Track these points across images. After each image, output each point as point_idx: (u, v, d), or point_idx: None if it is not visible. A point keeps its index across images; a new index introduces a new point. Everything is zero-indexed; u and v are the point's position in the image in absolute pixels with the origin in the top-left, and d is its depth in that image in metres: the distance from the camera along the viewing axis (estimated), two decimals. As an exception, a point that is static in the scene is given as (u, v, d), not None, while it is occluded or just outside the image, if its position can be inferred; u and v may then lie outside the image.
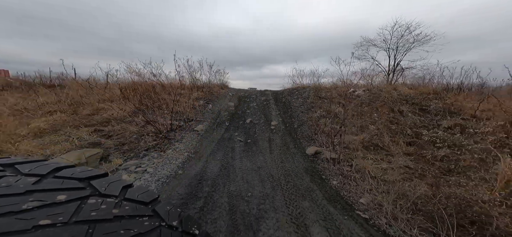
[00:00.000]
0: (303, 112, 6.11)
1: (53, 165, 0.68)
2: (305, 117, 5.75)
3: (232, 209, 2.29)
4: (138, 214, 0.57)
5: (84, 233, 0.45)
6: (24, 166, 0.65)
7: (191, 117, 5.80)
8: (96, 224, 0.48)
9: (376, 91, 6.51)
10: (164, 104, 6.01)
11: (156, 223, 0.57)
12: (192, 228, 0.64)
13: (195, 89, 7.82)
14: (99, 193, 0.60)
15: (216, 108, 6.82)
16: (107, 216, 0.51)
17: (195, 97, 6.97)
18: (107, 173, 0.76)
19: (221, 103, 7.33)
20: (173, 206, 0.68)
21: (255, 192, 2.67)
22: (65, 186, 0.58)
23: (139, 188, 0.70)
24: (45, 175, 0.61)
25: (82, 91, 7.08)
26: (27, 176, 0.59)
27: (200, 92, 7.67)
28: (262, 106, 7.19)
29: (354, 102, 5.73)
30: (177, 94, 6.05)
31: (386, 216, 2.25)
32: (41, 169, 0.64)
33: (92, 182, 0.64)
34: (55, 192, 0.54)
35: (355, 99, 6.09)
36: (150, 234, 0.53)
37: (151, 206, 0.63)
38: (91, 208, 0.53)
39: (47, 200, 0.51)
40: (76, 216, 0.49)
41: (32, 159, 0.72)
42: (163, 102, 6.10)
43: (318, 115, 5.56)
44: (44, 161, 0.72)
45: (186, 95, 6.86)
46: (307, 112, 6.01)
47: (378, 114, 5.22)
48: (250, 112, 6.65)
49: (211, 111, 6.54)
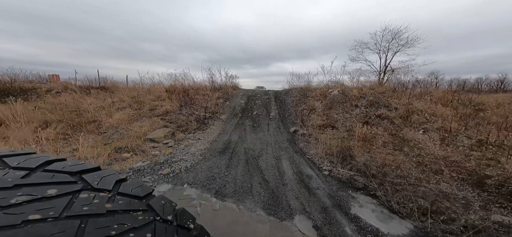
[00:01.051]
0: (292, 107, 8.62)
1: (42, 158, 0.67)
2: (293, 110, 8.26)
3: (245, 153, 4.87)
4: (132, 209, 0.56)
5: (76, 228, 0.44)
6: (12, 159, 0.63)
7: (216, 111, 8.44)
8: (88, 218, 0.47)
9: (348, 92, 8.87)
10: (197, 101, 8.68)
11: (151, 218, 0.56)
12: (187, 222, 0.64)
13: (215, 91, 10.47)
14: (91, 187, 0.59)
15: (231, 105, 9.42)
16: (100, 211, 0.51)
17: (216, 97, 9.61)
18: (100, 166, 0.74)
19: (235, 101, 9.92)
20: (167, 201, 0.68)
21: (257, 148, 5.24)
22: (55, 180, 0.57)
23: (133, 182, 0.70)
24: (34, 168, 0.60)
25: (135, 93, 9.88)
26: (16, 170, 0.58)
27: (219, 93, 10.30)
28: (265, 103, 9.73)
29: (328, 99, 8.16)
30: (204, 95, 8.70)
31: (316, 156, 4.76)
32: (30, 162, 0.63)
33: (84, 176, 0.63)
34: (45, 186, 0.53)
35: (331, 97, 8.50)
36: (145, 228, 0.52)
37: (145, 200, 0.63)
38: (83, 203, 0.51)
39: (37, 194, 0.49)
40: (68, 210, 0.47)
41: (20, 152, 0.71)
42: (196, 100, 8.77)
43: (302, 108, 8.05)
44: (32, 154, 0.71)
45: (210, 96, 9.51)
46: (294, 107, 8.51)
47: (342, 107, 7.64)
48: (256, 107, 9.21)
49: (229, 107, 9.16)
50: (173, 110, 7.72)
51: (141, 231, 0.51)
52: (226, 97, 10.14)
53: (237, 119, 7.85)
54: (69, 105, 8.21)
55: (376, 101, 7.62)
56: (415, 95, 8.27)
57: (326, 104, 7.94)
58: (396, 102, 7.24)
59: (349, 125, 6.28)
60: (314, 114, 7.47)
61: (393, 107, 6.97)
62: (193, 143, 5.49)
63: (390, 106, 7.06)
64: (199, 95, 9.34)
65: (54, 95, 10.69)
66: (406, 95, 7.57)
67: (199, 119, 7.14)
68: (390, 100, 7.47)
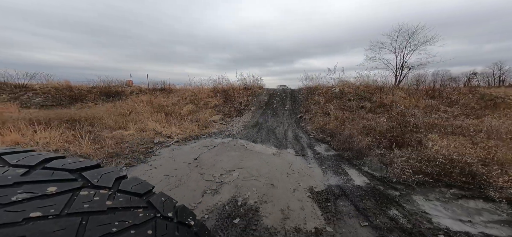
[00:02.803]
0: (301, 101, 11.75)
1: (42, 156, 0.68)
2: (301, 103, 11.41)
3: (267, 128, 8.29)
4: (133, 206, 0.57)
5: (77, 225, 0.44)
6: (11, 157, 0.63)
7: (247, 104, 12.04)
8: (89, 216, 0.48)
9: (346, 89, 11.64)
10: (234, 98, 12.41)
11: (151, 215, 0.57)
12: (188, 219, 0.65)
13: (246, 90, 14.12)
14: (91, 184, 0.60)
15: (258, 100, 12.93)
16: (101, 208, 0.51)
17: (247, 95, 13.24)
18: (100, 164, 0.74)
19: (260, 98, 13.40)
20: (168, 198, 0.69)
21: (274, 125, 8.63)
22: (55, 177, 0.57)
23: (133, 179, 0.71)
24: (34, 166, 0.61)
25: (190, 93, 14.07)
26: (15, 167, 0.58)
27: (249, 91, 13.91)
28: (282, 99, 13.01)
29: (328, 95, 11.08)
30: (239, 94, 12.35)
31: (309, 129, 7.95)
32: (29, 159, 0.64)
33: (84, 173, 0.64)
34: (45, 184, 0.53)
35: (331, 94, 11.40)
36: (145, 225, 0.53)
37: (145, 198, 0.64)
38: (84, 200, 0.52)
39: (37, 192, 0.49)
40: (68, 208, 0.48)
41: (20, 149, 0.71)
42: (234, 97, 12.51)
43: (308, 102, 11.15)
44: (32, 152, 0.72)
45: (242, 94, 13.18)
46: (303, 101, 11.63)
47: (339, 101, 10.53)
48: (276, 102, 12.55)
49: (256, 102, 12.69)
50: (219, 104, 11.55)
51: (142, 228, 0.52)
52: (254, 95, 13.70)
53: (262, 109, 11.32)
54: (153, 102, 12.65)
55: (364, 97, 10.34)
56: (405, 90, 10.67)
57: (327, 99, 10.91)
58: (377, 97, 9.87)
59: (335, 112, 9.26)
60: (316, 106, 10.53)
61: (374, 101, 9.65)
62: (236, 122, 9.13)
63: (372, 99, 9.75)
64: (235, 94, 13.07)
65: (134, 96, 15.53)
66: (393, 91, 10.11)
67: (237, 109, 10.80)
68: (374, 96, 10.11)
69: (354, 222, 2.43)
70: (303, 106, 11.07)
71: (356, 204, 2.81)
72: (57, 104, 12.44)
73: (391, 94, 10.04)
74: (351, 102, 10.08)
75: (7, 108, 10.59)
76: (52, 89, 13.42)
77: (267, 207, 2.73)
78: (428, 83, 15.32)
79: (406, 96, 10.46)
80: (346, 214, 2.59)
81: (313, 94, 12.04)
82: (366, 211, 2.63)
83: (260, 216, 2.54)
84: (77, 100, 13.53)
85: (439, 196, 3.03)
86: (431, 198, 2.97)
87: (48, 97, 12.65)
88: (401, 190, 3.20)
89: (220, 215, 2.53)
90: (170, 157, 4.64)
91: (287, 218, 2.50)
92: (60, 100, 12.76)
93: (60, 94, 13.32)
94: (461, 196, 3.00)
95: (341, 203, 2.85)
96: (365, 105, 9.36)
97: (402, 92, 11.34)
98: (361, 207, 2.73)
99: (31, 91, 12.77)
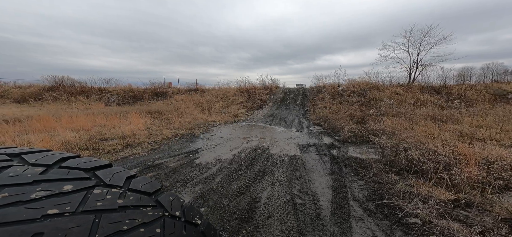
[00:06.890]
0: (309, 98, 14.38)
1: (58, 155, 0.71)
2: (310, 99, 14.06)
3: (281, 117, 11.21)
4: (142, 204, 0.59)
5: (90, 223, 0.46)
6: (30, 156, 0.67)
7: (265, 101, 15.05)
8: (102, 214, 0.50)
9: (350, 87, 13.98)
10: (255, 95, 15.53)
11: (160, 213, 0.59)
12: (195, 218, 0.66)
13: (265, 89, 17.16)
14: (104, 183, 0.62)
15: (274, 98, 15.85)
16: (113, 206, 0.53)
17: (266, 93, 16.26)
18: (111, 163, 0.76)
19: (276, 96, 16.30)
20: (175, 197, 0.70)
21: (286, 115, 11.52)
22: (71, 176, 0.60)
23: (142, 178, 0.73)
24: (51, 165, 0.63)
25: (220, 92, 17.55)
26: (34, 166, 0.60)
27: (267, 90, 16.92)
28: (295, 96, 15.76)
29: (333, 92, 13.54)
30: (259, 92, 15.43)
31: (312, 119, 10.70)
32: (47, 159, 0.66)
33: (97, 172, 0.66)
34: (62, 182, 0.56)
35: (336, 91, 13.83)
36: (154, 223, 0.55)
37: (154, 197, 0.66)
38: (97, 198, 0.54)
39: (55, 190, 0.51)
40: (83, 206, 0.50)
41: (38, 149, 0.75)
42: (255, 95, 15.64)
43: (314, 98, 13.76)
44: (49, 151, 0.75)
45: (262, 93, 16.24)
46: (311, 98, 14.25)
47: (340, 97, 12.98)
48: (289, 99, 15.34)
49: (273, 98, 15.63)
50: (244, 101, 14.77)
51: (151, 226, 0.53)
52: (271, 93, 16.66)
53: (277, 104, 14.24)
54: (193, 100, 16.35)
55: (361, 93, 12.66)
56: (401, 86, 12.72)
57: (332, 96, 13.42)
58: (372, 93, 12.13)
59: (332, 106, 11.83)
60: (320, 101, 13.12)
61: (367, 96, 11.96)
62: (257, 114, 12.22)
63: (366, 95, 12.05)
64: (256, 92, 16.19)
65: (176, 95, 19.48)
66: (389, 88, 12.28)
67: (258, 104, 13.89)
68: (369, 92, 12.38)
69: (312, 153, 5.32)
70: (310, 101, 13.73)
71: (317, 148, 5.67)
72: (125, 103, 16.83)
73: (383, 91, 12.19)
74: (350, 98, 12.48)
75: (96, 105, 15.17)
76: (121, 91, 17.95)
77: (273, 148, 5.73)
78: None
79: (403, 93, 12.53)
80: (311, 152, 5.47)
81: (320, 92, 14.57)
82: (320, 151, 5.48)
83: (269, 150, 5.56)
84: (137, 100, 17.89)
85: (357, 146, 5.74)
86: (353, 147, 5.70)
87: (119, 97, 17.14)
88: (344, 144, 5.96)
89: (251, 150, 5.59)
90: (220, 130, 7.91)
91: (282, 151, 5.48)
92: (127, 100, 17.17)
93: (126, 95, 17.78)
94: (364, 145, 5.68)
95: (310, 148, 5.73)
96: (360, 100, 11.73)
97: (401, 89, 13.35)
98: (319, 149, 5.59)
99: (108, 93, 17.41)
